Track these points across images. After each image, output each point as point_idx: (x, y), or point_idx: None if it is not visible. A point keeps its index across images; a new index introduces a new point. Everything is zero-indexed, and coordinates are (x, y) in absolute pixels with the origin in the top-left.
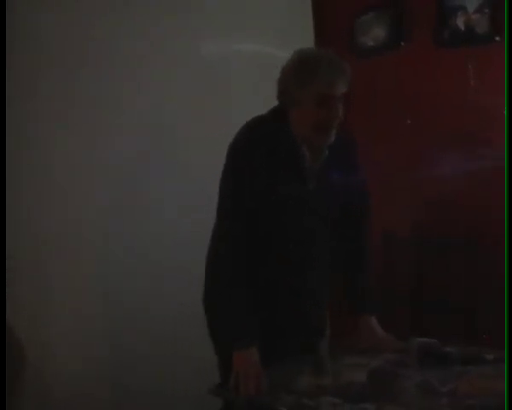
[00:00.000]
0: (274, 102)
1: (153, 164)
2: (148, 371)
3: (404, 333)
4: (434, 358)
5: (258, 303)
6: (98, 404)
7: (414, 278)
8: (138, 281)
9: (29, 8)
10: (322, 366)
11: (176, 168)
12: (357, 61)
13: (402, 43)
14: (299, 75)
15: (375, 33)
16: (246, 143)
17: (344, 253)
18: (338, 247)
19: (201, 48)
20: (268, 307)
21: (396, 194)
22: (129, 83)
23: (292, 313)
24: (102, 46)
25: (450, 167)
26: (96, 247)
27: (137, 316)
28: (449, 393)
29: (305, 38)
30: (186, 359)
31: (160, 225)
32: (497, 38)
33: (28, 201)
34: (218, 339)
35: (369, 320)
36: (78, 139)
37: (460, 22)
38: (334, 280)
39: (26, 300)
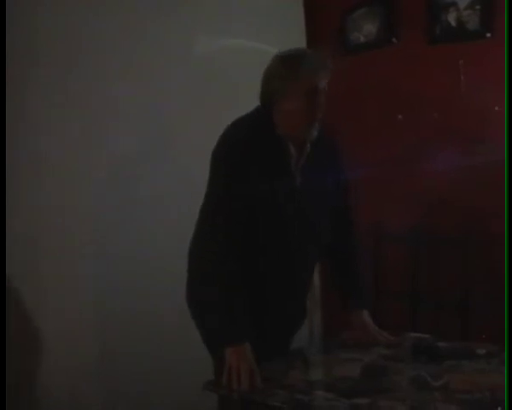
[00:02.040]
0: None
1: (150, 163)
2: (143, 369)
3: (398, 329)
4: (427, 353)
5: (249, 300)
6: (93, 403)
7: (408, 275)
8: (134, 281)
9: (28, 6)
10: (309, 361)
11: (174, 166)
12: (348, 57)
13: (393, 40)
14: (283, 71)
15: (366, 29)
16: (230, 145)
17: (334, 249)
18: (329, 246)
19: (197, 45)
20: (257, 304)
21: (392, 191)
22: (126, 80)
23: (280, 309)
24: (99, 44)
25: (441, 163)
26: (91, 247)
27: (133, 316)
28: (441, 387)
29: (296, 34)
30: (187, 358)
31: (157, 225)
32: (488, 35)
33: (27, 200)
34: (208, 336)
35: (363, 315)
36: (75, 138)
37: (451, 19)
38: (328, 279)
39: (22, 299)
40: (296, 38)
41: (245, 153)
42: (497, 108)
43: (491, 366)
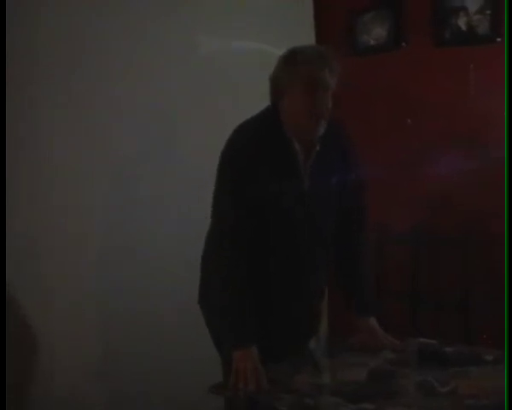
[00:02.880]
0: None
1: (152, 162)
2: (144, 369)
3: (402, 331)
4: (434, 358)
5: (255, 303)
6: (94, 403)
7: (409, 276)
8: (137, 280)
9: (29, 6)
10: (318, 365)
11: (175, 167)
12: (357, 60)
13: (403, 43)
14: (287, 65)
15: (376, 33)
16: (238, 148)
17: (342, 253)
18: (336, 247)
19: (200, 45)
20: (264, 307)
21: (394, 192)
22: (128, 81)
23: (288, 314)
24: (101, 44)
25: (449, 167)
26: (94, 247)
27: (134, 316)
28: (448, 393)
29: (305, 36)
30: (187, 358)
31: (159, 225)
32: (498, 39)
33: (27, 200)
34: (218, 338)
35: (369, 320)
36: (77, 138)
37: (461, 23)
38: (333, 280)
39: (23, 299)
40: (305, 40)
41: (250, 156)
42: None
43: (499, 372)
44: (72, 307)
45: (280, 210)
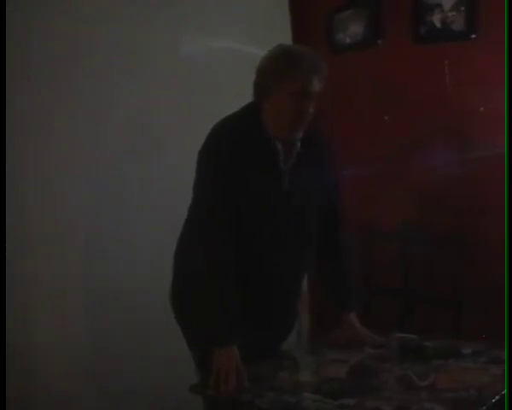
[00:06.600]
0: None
1: (141, 164)
2: (133, 370)
3: (389, 326)
4: (414, 353)
5: (236, 301)
6: (84, 403)
7: (400, 272)
8: (126, 280)
9: (29, 6)
10: (299, 362)
11: (163, 167)
12: (334, 58)
13: (379, 41)
14: (278, 68)
15: (352, 30)
16: (218, 144)
17: (323, 250)
18: (317, 244)
19: (184, 46)
20: (245, 305)
21: (384, 189)
22: (118, 82)
23: (266, 310)
24: (91, 46)
25: (427, 162)
26: (84, 247)
27: (124, 316)
28: (428, 387)
29: (282, 34)
30: (170, 358)
31: (157, 225)
32: (473, 36)
33: (27, 200)
34: (194, 338)
35: (350, 316)
36: (76, 138)
37: (436, 20)
38: (315, 277)
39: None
40: (281, 39)
41: (232, 152)
42: (481, 109)
43: (478, 364)
44: (72, 306)
45: (260, 207)
